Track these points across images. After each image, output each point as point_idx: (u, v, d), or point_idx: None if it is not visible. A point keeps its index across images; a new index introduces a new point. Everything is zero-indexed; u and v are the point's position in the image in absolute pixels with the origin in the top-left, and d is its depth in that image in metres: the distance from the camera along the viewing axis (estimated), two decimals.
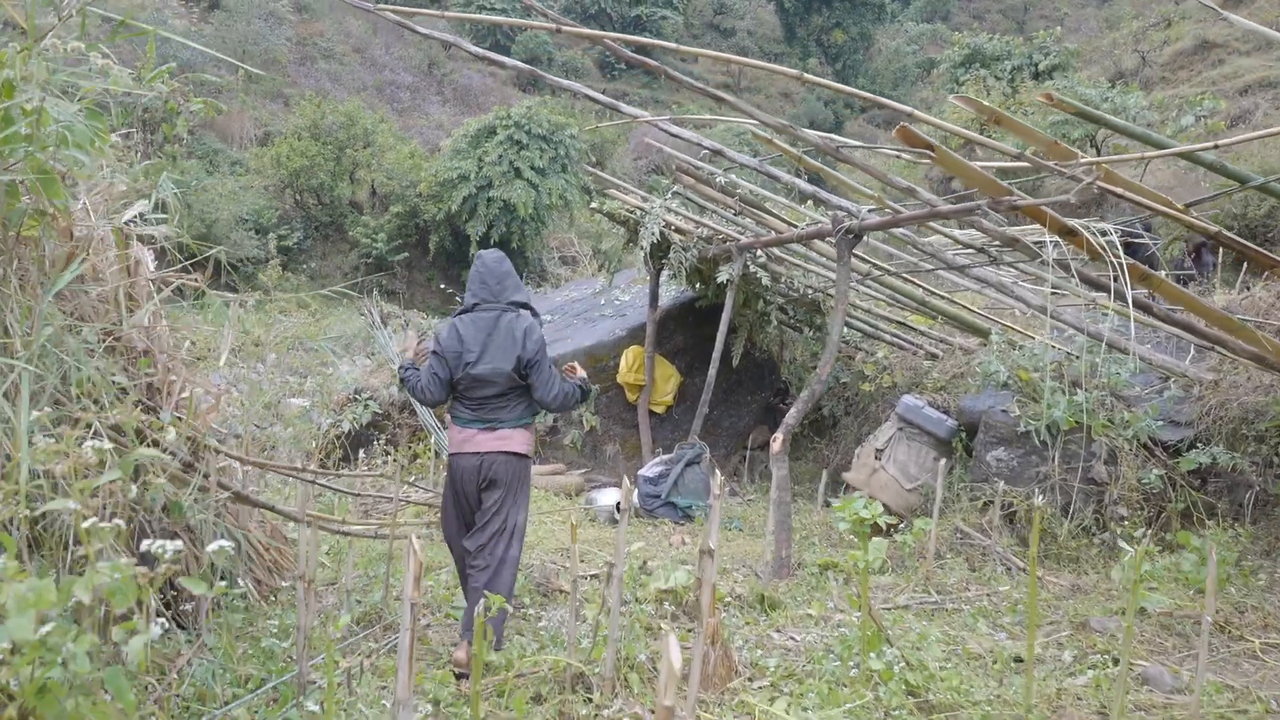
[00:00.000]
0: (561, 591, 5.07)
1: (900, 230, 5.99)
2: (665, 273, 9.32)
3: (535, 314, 4.52)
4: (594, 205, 8.85)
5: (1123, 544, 3.86)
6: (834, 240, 6.01)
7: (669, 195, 7.80)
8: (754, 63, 4.17)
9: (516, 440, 4.32)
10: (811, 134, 4.87)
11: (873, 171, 4.93)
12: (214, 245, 15.12)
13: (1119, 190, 4.36)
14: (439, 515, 6.65)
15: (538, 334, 4.39)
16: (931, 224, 5.69)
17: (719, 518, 3.74)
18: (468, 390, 4.30)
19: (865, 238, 6.07)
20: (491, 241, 23.99)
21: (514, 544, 4.25)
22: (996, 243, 5.62)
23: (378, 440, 8.52)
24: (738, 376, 10.02)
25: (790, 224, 6.91)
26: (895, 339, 9.14)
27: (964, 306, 7.48)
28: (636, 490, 7.55)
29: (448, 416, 4.52)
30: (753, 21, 45.96)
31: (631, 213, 8.62)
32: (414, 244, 25.41)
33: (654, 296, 9.37)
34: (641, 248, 7.80)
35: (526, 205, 23.67)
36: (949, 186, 23.01)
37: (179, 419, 3.25)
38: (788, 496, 5.86)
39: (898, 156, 4.91)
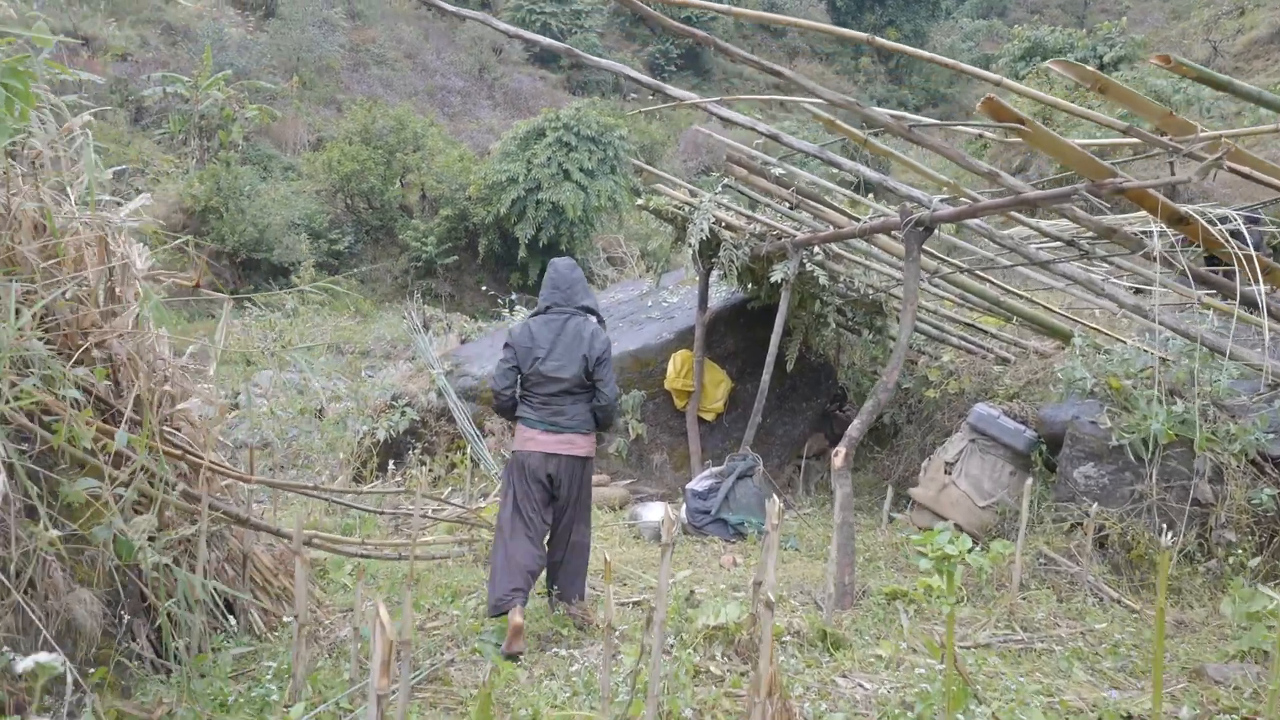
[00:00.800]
0: (597, 626, 4.53)
1: (975, 222, 5.35)
2: (715, 273, 8.76)
3: (601, 320, 4.83)
4: (640, 202, 8.32)
5: (1264, 589, 3.22)
6: (901, 234, 5.40)
7: (719, 189, 7.23)
8: (819, 26, 3.60)
9: (579, 445, 4.61)
10: (880, 112, 4.28)
11: (949, 153, 4.32)
12: (266, 250, 14.89)
13: (1247, 170, 3.70)
14: (473, 531, 6.18)
15: (604, 336, 4.72)
16: (1014, 214, 5.04)
17: (776, 547, 3.17)
18: (535, 387, 4.59)
19: (937, 231, 5.45)
20: (540, 244, 23.58)
21: (584, 531, 4.73)
22: (1089, 234, 4.96)
23: (413, 449, 8.07)
24: (792, 382, 9.40)
25: (852, 217, 6.29)
26: (963, 342, 8.46)
27: (1044, 306, 6.78)
28: (684, 506, 6.98)
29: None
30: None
31: (680, 209, 8.06)
32: (463, 247, 25.13)
33: (703, 298, 8.80)
34: (689, 246, 7.24)
35: (575, 207, 23.24)
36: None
37: (133, 434, 2.77)
38: (851, 517, 5.26)
39: (979, 136, 4.29)
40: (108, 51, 26.59)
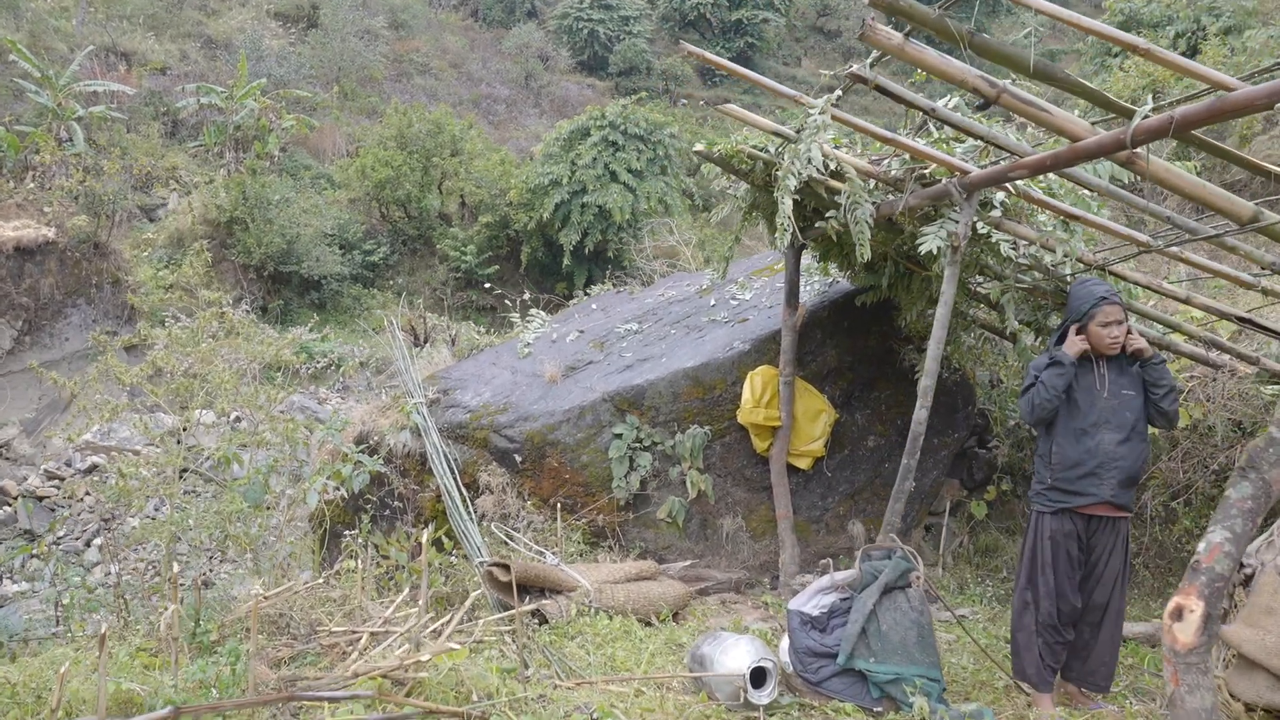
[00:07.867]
0: None
1: None
2: (808, 252, 5.69)
3: None
4: (699, 147, 5.26)
5: None
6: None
7: (836, 94, 4.07)
8: None
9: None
10: None
11: None
12: (296, 262, 11.83)
13: None
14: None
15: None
16: None
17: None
18: None
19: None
20: (586, 251, 20.64)
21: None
22: None
23: (359, 522, 5.05)
24: None
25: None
26: (1198, 345, 5.19)
27: None
28: (786, 641, 3.83)
29: None
30: (859, 23, 41.68)
31: (762, 151, 4.97)
32: (505, 256, 22.28)
33: (792, 289, 5.67)
34: (782, 201, 4.10)
35: (623, 210, 20.26)
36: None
37: None
38: None
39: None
40: (146, 65, 24.40)
